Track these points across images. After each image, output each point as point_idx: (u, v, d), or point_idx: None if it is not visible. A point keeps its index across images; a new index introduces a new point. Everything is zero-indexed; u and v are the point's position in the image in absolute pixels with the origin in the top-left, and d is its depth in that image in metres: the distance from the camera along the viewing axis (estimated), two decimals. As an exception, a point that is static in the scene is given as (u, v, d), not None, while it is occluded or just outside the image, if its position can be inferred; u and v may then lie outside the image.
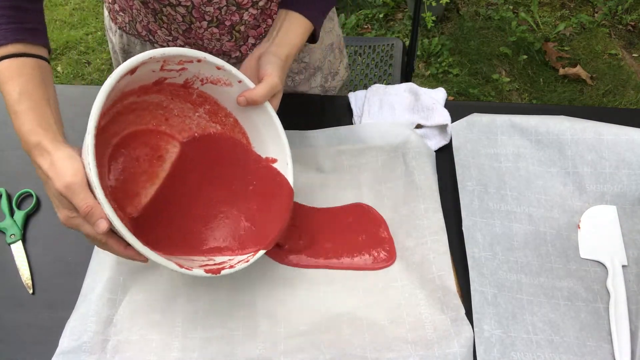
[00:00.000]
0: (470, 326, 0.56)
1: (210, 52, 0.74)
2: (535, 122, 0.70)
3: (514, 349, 0.55)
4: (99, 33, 2.15)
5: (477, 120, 0.72)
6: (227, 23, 0.69)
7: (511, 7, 2.16)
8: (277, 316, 0.59)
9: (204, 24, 0.68)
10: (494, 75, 1.94)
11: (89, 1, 2.29)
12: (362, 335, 0.57)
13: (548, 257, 0.63)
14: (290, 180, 0.61)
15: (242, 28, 0.70)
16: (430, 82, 1.96)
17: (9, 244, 0.65)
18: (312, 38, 0.66)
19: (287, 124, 0.75)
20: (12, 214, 0.67)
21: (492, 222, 0.64)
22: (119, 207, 0.57)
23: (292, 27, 0.63)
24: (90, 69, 2.03)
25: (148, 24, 0.73)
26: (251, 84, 0.58)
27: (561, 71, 1.93)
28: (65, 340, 0.56)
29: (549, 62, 1.97)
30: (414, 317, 0.58)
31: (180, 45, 0.74)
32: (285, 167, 0.61)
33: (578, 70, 1.93)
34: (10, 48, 0.53)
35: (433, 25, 1.98)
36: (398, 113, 0.75)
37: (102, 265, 0.61)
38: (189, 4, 0.65)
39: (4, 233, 0.66)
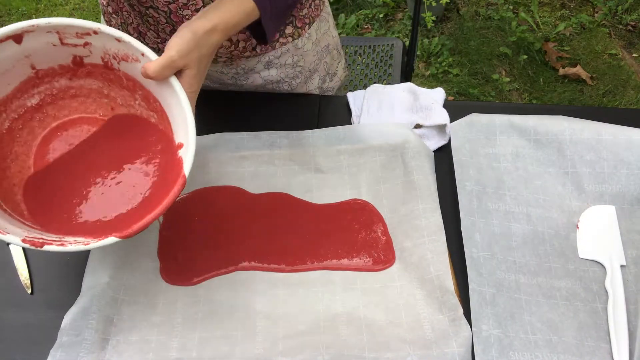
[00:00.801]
0: (469, 326, 0.56)
1: None
2: (534, 122, 0.70)
3: (512, 349, 0.55)
4: (99, 33, 2.15)
5: (476, 120, 0.72)
6: None
7: (511, 7, 2.16)
8: (275, 316, 0.59)
9: None
10: (494, 75, 1.94)
11: (89, 1, 2.29)
12: (361, 336, 0.57)
13: (546, 257, 0.63)
14: (187, 167, 0.54)
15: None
16: (430, 82, 1.96)
17: (8, 244, 0.65)
18: (263, 38, 0.62)
19: (287, 124, 0.75)
20: (11, 214, 0.67)
21: (490, 221, 0.64)
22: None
23: (228, 1, 0.58)
24: (90, 69, 2.03)
25: (138, 26, 0.73)
26: (154, 56, 0.55)
27: (561, 71, 1.93)
28: (65, 334, 0.56)
29: (549, 62, 1.97)
30: (412, 317, 0.58)
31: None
32: (186, 152, 0.56)
33: (578, 70, 1.93)
34: None
35: (433, 25, 1.97)
36: (397, 113, 0.75)
37: (103, 263, 0.61)
38: (166, 9, 0.65)
39: (3, 233, 0.66)
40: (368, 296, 0.60)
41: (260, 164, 0.71)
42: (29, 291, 0.62)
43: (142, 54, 0.55)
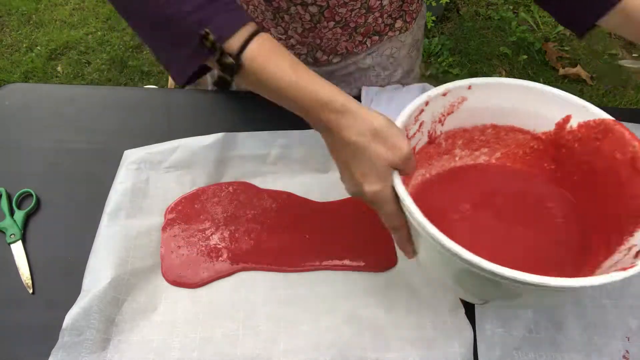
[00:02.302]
0: (470, 325, 0.56)
1: (322, 50, 0.75)
2: None
3: (515, 347, 0.55)
4: (99, 33, 2.15)
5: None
6: (352, 25, 0.70)
7: (511, 7, 2.16)
8: (277, 317, 0.59)
9: (331, 24, 0.69)
10: (494, 75, 1.94)
11: (89, 1, 2.29)
12: (362, 336, 0.57)
13: None
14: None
15: (362, 30, 0.71)
16: (430, 82, 1.96)
17: (9, 244, 0.65)
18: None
19: (287, 124, 0.75)
20: (12, 213, 0.67)
21: None
22: None
23: None
24: (90, 69, 2.03)
25: (262, 21, 0.73)
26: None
27: (561, 71, 1.94)
28: (67, 334, 0.55)
29: (549, 62, 1.97)
30: (414, 317, 0.58)
31: (292, 45, 0.74)
32: None
33: (578, 70, 1.93)
34: (250, 27, 0.47)
35: (433, 25, 1.97)
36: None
37: (104, 263, 0.60)
38: (324, 4, 0.66)
39: (3, 233, 0.66)
40: (370, 296, 0.60)
41: (261, 163, 0.71)
42: (30, 291, 0.62)
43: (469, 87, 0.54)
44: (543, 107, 0.56)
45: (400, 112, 0.74)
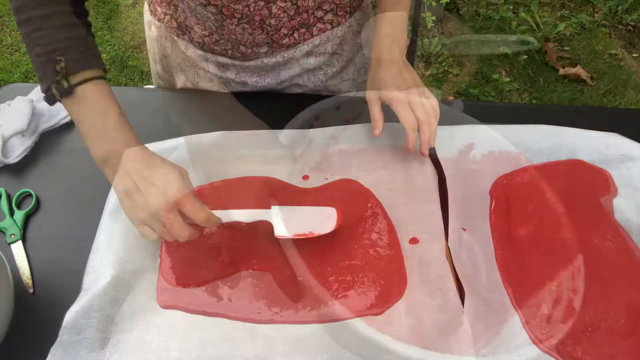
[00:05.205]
0: (469, 324, 0.56)
1: (244, 45, 0.75)
2: (515, 138, 0.72)
3: None
4: (99, 33, 2.15)
5: (458, 133, 0.72)
6: (257, 18, 0.70)
7: (511, 7, 2.16)
8: (275, 318, 0.59)
9: (235, 21, 0.69)
10: (494, 75, 1.94)
11: (88, 1, 2.29)
12: (360, 337, 0.57)
13: None
14: None
15: (273, 21, 0.71)
16: (430, 82, 1.96)
17: (9, 244, 0.65)
18: None
19: (288, 124, 0.75)
20: (12, 213, 0.67)
21: (473, 239, 0.64)
22: None
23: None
24: (90, 69, 2.03)
25: (185, 20, 0.74)
26: None
27: (561, 71, 1.94)
28: (66, 333, 0.56)
29: (549, 62, 1.97)
30: (414, 318, 0.58)
31: (216, 40, 0.75)
32: None
33: (578, 70, 1.93)
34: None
35: (433, 25, 1.97)
36: None
37: (104, 262, 0.61)
38: (218, 2, 0.66)
39: (4, 233, 0.66)
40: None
41: (260, 162, 0.71)
42: (31, 291, 0.62)
43: None
44: None
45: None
